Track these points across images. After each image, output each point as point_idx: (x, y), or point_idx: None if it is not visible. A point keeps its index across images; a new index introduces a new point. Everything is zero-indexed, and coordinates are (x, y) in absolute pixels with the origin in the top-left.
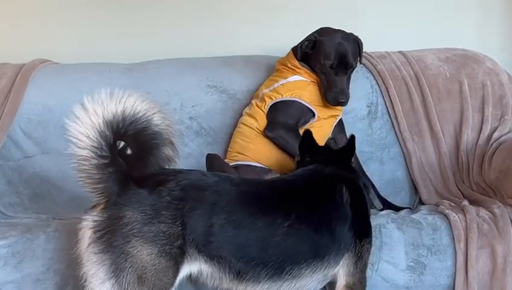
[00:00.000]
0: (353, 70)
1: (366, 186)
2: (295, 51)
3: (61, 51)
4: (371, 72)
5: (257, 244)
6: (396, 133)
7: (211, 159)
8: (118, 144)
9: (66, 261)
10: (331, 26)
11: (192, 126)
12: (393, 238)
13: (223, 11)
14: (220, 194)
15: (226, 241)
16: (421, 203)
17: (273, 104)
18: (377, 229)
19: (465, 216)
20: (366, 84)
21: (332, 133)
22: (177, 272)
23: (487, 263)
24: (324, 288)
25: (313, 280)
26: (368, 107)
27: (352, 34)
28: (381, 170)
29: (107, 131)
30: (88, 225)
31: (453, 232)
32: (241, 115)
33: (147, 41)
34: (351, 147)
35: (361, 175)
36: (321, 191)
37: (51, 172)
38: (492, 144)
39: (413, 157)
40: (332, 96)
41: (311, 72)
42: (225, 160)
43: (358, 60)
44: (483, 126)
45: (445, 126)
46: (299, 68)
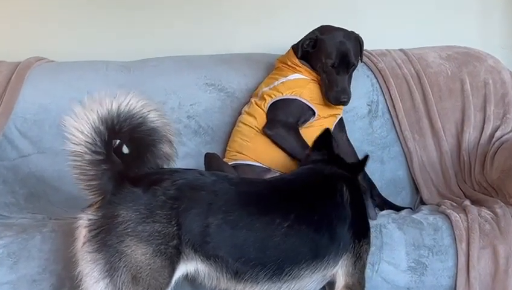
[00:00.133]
0: (354, 69)
1: (364, 191)
2: (295, 49)
3: (61, 50)
4: (372, 71)
5: (255, 245)
6: (397, 132)
7: (210, 158)
8: (114, 142)
9: (62, 261)
10: (331, 24)
11: (191, 125)
12: (394, 239)
13: (222, 10)
14: (217, 193)
15: (223, 242)
16: (422, 203)
17: (273, 103)
18: (377, 230)
19: (467, 216)
20: (367, 83)
21: (332, 132)
22: (172, 272)
23: (489, 263)
24: (324, 288)
25: (312, 281)
26: (369, 105)
27: (353, 33)
28: (382, 169)
29: (102, 127)
30: (83, 223)
31: (454, 233)
32: (240, 113)
33: (147, 40)
34: (361, 164)
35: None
36: (321, 191)
37: (47, 172)
38: (494, 143)
39: (414, 156)
40: (334, 95)
41: (311, 71)
42: (224, 159)
43: (360, 59)
44: (485, 125)
45: (446, 125)
46: (300, 66)
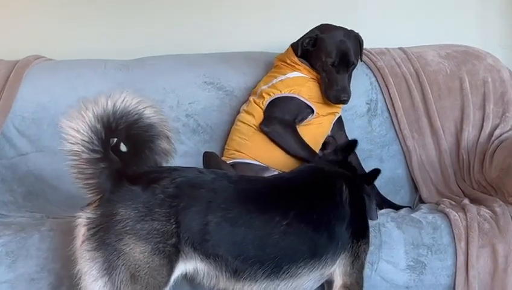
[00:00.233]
0: (354, 68)
1: (369, 195)
2: (294, 48)
3: (60, 48)
4: (371, 69)
5: (254, 243)
6: (396, 131)
7: (208, 157)
8: (111, 141)
9: (61, 260)
10: (330, 22)
11: (189, 124)
12: (393, 238)
13: (221, 9)
14: (216, 191)
15: (222, 240)
16: (421, 201)
17: (271, 101)
18: (376, 229)
19: (466, 215)
20: (366, 81)
21: (331, 131)
22: (171, 270)
23: (488, 262)
24: (322, 287)
25: (310, 279)
26: (368, 104)
27: (353, 31)
28: (381, 168)
29: (98, 125)
30: (82, 222)
31: (453, 231)
32: (238, 112)
33: (146, 39)
34: (371, 177)
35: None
36: (321, 189)
37: (45, 170)
38: (493, 141)
39: (413, 155)
40: (334, 94)
41: (310, 69)
42: (222, 158)
43: (359, 58)
44: (484, 124)
45: (445, 124)
46: (299, 64)
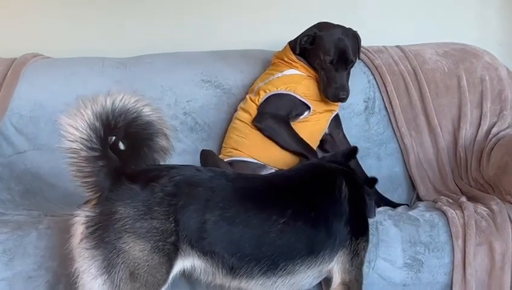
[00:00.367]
0: (352, 66)
1: (368, 193)
2: (292, 45)
3: (57, 46)
4: (368, 67)
5: (251, 241)
6: (393, 129)
7: (205, 155)
8: (110, 139)
9: (58, 258)
10: (328, 20)
11: (187, 122)
12: (390, 235)
13: (219, 7)
14: (214, 190)
15: (219, 238)
16: (419, 199)
17: (266, 97)
18: (373, 226)
19: (463, 213)
20: (363, 79)
21: (328, 129)
22: (170, 268)
23: (485, 260)
24: (320, 285)
25: (307, 276)
26: (365, 102)
27: (351, 29)
28: (379, 166)
29: (97, 123)
30: (80, 220)
31: (450, 229)
32: (236, 110)
33: (143, 37)
34: (372, 181)
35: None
36: (319, 187)
37: (43, 168)
38: (490, 139)
39: (411, 153)
40: (332, 92)
41: (308, 67)
42: (220, 156)
43: (357, 56)
44: (482, 121)
45: (443, 121)
46: (296, 62)
